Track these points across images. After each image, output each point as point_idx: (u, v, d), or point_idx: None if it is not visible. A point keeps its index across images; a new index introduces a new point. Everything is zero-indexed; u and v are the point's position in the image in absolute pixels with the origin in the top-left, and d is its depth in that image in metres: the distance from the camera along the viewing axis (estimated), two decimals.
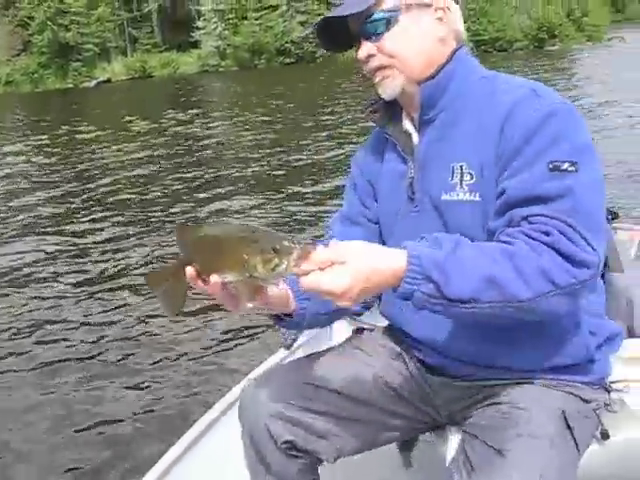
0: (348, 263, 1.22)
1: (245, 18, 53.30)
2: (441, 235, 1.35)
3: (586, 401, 1.50)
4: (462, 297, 1.27)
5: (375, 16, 1.52)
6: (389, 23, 1.52)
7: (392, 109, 1.64)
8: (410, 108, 1.60)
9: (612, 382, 1.60)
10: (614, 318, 1.71)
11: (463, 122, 1.51)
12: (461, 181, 1.47)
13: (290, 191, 9.22)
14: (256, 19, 52.84)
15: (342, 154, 11.42)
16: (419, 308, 1.32)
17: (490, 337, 1.48)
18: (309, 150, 12.45)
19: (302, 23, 52.78)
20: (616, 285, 1.81)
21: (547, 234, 1.29)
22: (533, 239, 1.30)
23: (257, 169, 11.08)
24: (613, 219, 2.05)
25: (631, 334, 1.82)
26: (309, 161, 11.49)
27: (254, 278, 1.25)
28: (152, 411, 3.70)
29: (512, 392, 1.48)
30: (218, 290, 1.31)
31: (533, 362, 1.50)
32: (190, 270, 1.33)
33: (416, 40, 1.54)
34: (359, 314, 1.88)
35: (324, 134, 14.21)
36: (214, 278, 1.29)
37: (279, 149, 12.75)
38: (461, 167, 1.47)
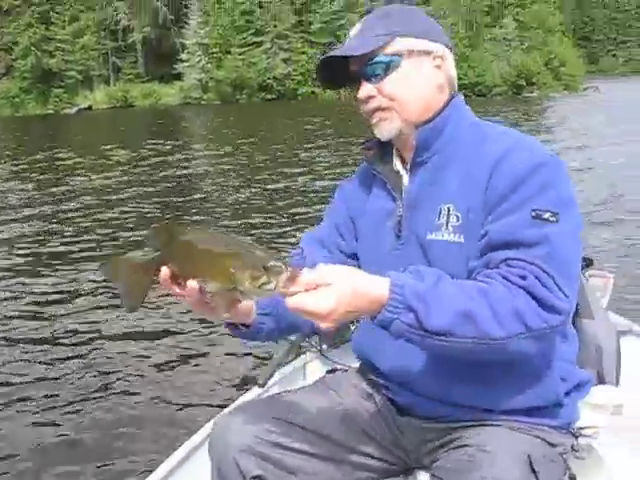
0: (333, 286, 1.26)
1: (229, 53, 53.92)
2: (423, 268, 1.40)
3: (553, 445, 1.50)
4: (439, 329, 1.31)
5: (378, 59, 1.56)
6: (391, 67, 1.56)
7: (384, 148, 1.68)
8: (403, 149, 1.65)
9: (580, 428, 1.61)
10: (584, 364, 1.74)
11: (453, 166, 1.56)
12: (447, 222, 1.51)
13: (266, 222, 9.24)
14: (240, 54, 53.48)
15: (318, 188, 11.57)
16: (396, 337, 1.35)
17: (460, 377, 1.50)
18: (286, 184, 12.55)
19: (285, 60, 53.52)
20: (586, 332, 1.84)
21: (523, 278, 1.34)
22: (509, 281, 1.35)
23: (234, 201, 11.13)
24: (587, 266, 2.07)
25: (600, 380, 1.83)
26: (286, 194, 11.55)
27: (236, 291, 1.24)
28: (121, 439, 3.63)
29: (479, 434, 1.47)
30: (194, 295, 1.31)
31: (501, 403, 1.51)
32: (166, 271, 1.32)
33: (416, 85, 1.58)
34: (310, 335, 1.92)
35: (302, 169, 14.30)
36: (192, 284, 1.29)
37: (257, 182, 12.83)
38: (448, 209, 1.52)
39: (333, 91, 1.76)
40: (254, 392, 2.31)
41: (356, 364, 1.84)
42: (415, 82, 1.57)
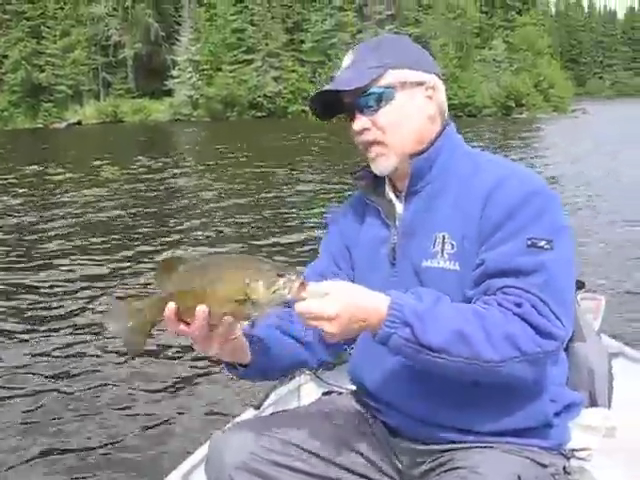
0: (337, 295, 1.36)
1: (220, 70, 54.05)
2: (423, 289, 1.46)
3: (544, 466, 1.51)
4: (434, 345, 1.37)
5: (371, 91, 1.58)
6: (384, 99, 1.59)
7: (376, 177, 1.69)
8: (397, 179, 1.67)
9: (572, 449, 1.63)
10: (576, 386, 1.76)
11: (447, 195, 1.59)
12: (442, 250, 1.54)
13: (256, 240, 9.26)
14: (230, 72, 53.62)
15: (308, 206, 11.78)
16: (395, 353, 1.42)
17: (449, 400, 1.53)
18: (275, 201, 12.58)
19: (275, 78, 53.71)
20: (578, 354, 1.86)
21: (519, 305, 1.39)
22: (505, 308, 1.39)
23: (224, 218, 11.07)
24: (579, 288, 2.07)
25: (593, 402, 1.84)
26: (275, 211, 11.57)
27: (250, 303, 1.29)
28: (123, 460, 3.63)
29: (471, 457, 1.48)
30: (200, 326, 1.33)
31: (491, 425, 1.53)
32: (171, 306, 1.33)
33: (409, 117, 1.61)
34: (323, 366, 1.96)
35: (291, 186, 14.33)
36: (201, 309, 1.32)
37: (246, 200, 12.79)
38: (443, 237, 1.55)
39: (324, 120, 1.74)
40: (249, 413, 2.35)
41: (351, 386, 1.86)
42: (408, 114, 1.60)
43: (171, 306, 1.34)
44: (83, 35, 54.60)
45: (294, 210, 11.64)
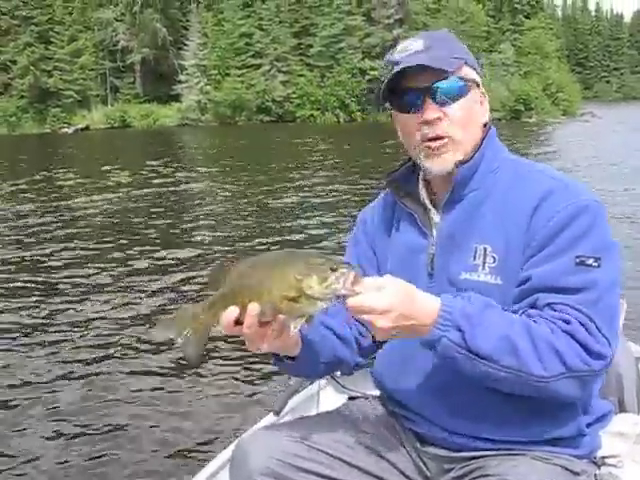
0: (392, 290, 1.33)
1: (228, 75, 53.94)
2: (474, 295, 1.42)
3: (575, 473, 1.49)
4: (483, 352, 1.35)
5: (453, 79, 1.50)
6: (462, 91, 1.51)
7: (409, 181, 1.64)
8: (438, 185, 1.60)
9: (603, 457, 1.60)
10: (605, 393, 1.74)
11: (489, 204, 1.53)
12: (484, 263, 1.50)
13: (272, 244, 9.25)
14: (238, 76, 53.48)
15: (319, 211, 11.89)
16: (442, 357, 1.38)
17: (483, 409, 1.50)
18: (284, 207, 12.49)
19: (284, 83, 53.58)
20: None
21: (567, 322, 1.36)
22: (554, 324, 1.37)
23: (236, 222, 11.04)
24: None
25: (622, 408, 1.83)
26: (284, 217, 11.51)
27: (304, 298, 1.27)
28: (145, 462, 3.70)
29: (501, 464, 1.46)
30: (255, 323, 1.31)
31: (522, 436, 1.50)
32: (233, 310, 1.31)
33: (474, 117, 1.55)
34: (350, 373, 1.90)
35: (302, 190, 14.32)
36: (253, 307, 1.30)
37: (260, 205, 12.72)
38: (484, 249, 1.50)
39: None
40: (270, 419, 2.35)
41: (370, 391, 1.85)
42: (474, 113, 1.55)
43: (230, 309, 1.32)
44: (91, 40, 54.49)
45: (306, 214, 11.64)
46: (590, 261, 1.41)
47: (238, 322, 1.34)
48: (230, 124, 51.00)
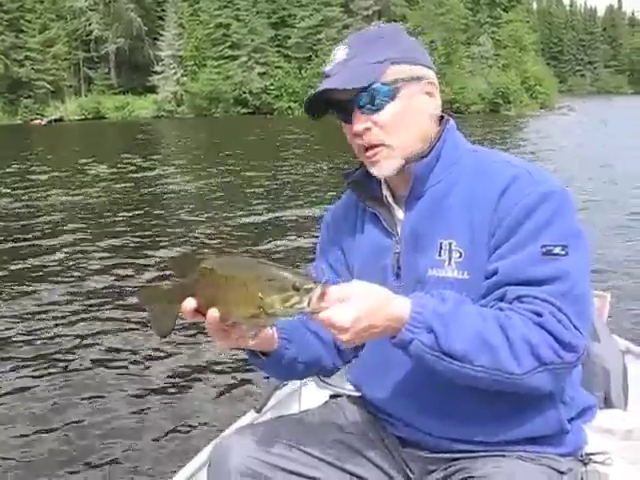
0: (356, 298, 1.26)
1: (204, 66, 53.38)
2: (447, 292, 1.38)
3: (561, 472, 1.45)
4: (456, 353, 1.30)
5: (373, 88, 1.46)
6: (387, 96, 1.47)
7: (370, 179, 1.59)
8: (397, 183, 1.56)
9: (589, 454, 1.55)
10: (590, 388, 1.69)
11: (452, 198, 1.49)
12: (450, 258, 1.46)
13: (249, 239, 9.17)
14: (215, 67, 52.97)
15: (297, 204, 11.73)
16: (414, 359, 1.35)
17: (459, 410, 1.47)
18: (263, 199, 12.40)
19: (261, 74, 53.11)
20: (592, 354, 1.78)
21: (538, 315, 1.33)
22: (524, 317, 1.33)
23: (214, 217, 10.81)
24: None
25: (608, 404, 1.79)
26: (260, 209, 11.40)
27: (265, 315, 1.22)
28: (123, 463, 3.60)
29: (485, 465, 1.42)
30: (216, 325, 1.29)
31: (504, 434, 1.47)
32: (191, 302, 1.31)
33: (413, 115, 1.50)
34: (328, 375, 1.85)
35: (280, 184, 14.17)
36: (214, 313, 1.28)
37: (233, 199, 12.49)
38: (450, 244, 1.46)
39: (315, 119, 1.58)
40: (250, 416, 2.33)
41: (353, 389, 1.79)
42: (411, 112, 1.50)
43: (190, 303, 1.31)
44: (64, 29, 53.53)
45: (286, 208, 11.50)
46: (557, 250, 1.37)
47: (198, 312, 1.32)
48: (206, 116, 50.55)
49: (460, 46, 54.43)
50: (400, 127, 1.49)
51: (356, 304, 1.25)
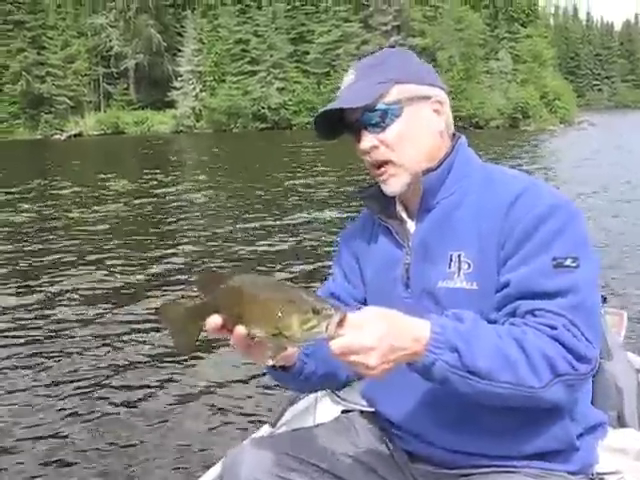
0: (373, 323, 1.26)
1: (223, 81, 53.58)
2: (461, 311, 1.38)
3: None
4: (481, 370, 1.31)
5: (378, 107, 1.52)
6: (392, 115, 1.53)
7: (384, 196, 1.63)
8: (408, 198, 1.61)
9: (600, 473, 1.54)
10: (604, 406, 1.69)
11: (461, 211, 1.53)
12: (459, 269, 1.49)
13: (268, 257, 9.08)
14: (234, 82, 53.14)
15: (316, 220, 11.78)
16: (438, 382, 1.33)
17: (471, 425, 1.48)
18: (284, 216, 12.27)
19: (280, 90, 53.22)
20: (605, 372, 1.78)
21: (552, 328, 1.34)
22: (539, 331, 1.34)
23: (235, 234, 10.74)
24: (602, 303, 1.95)
25: (621, 423, 1.76)
26: (284, 226, 11.30)
27: (283, 337, 1.23)
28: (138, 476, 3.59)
29: None
30: (241, 341, 1.31)
31: (514, 449, 1.48)
32: (216, 318, 1.32)
33: (418, 134, 1.55)
34: (340, 388, 1.90)
35: (299, 201, 14.11)
36: (240, 330, 1.29)
37: (256, 215, 12.42)
38: (459, 256, 1.49)
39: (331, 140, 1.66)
40: (265, 430, 2.34)
41: (367, 404, 1.79)
42: (417, 130, 1.55)
43: (212, 318, 1.32)
44: (84, 46, 54.04)
45: (303, 226, 11.42)
46: (568, 262, 1.39)
47: (223, 328, 1.33)
48: (225, 131, 50.67)
49: (479, 61, 54.23)
50: (406, 145, 1.54)
51: (376, 325, 1.25)
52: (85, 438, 3.97)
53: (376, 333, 1.24)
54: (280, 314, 1.22)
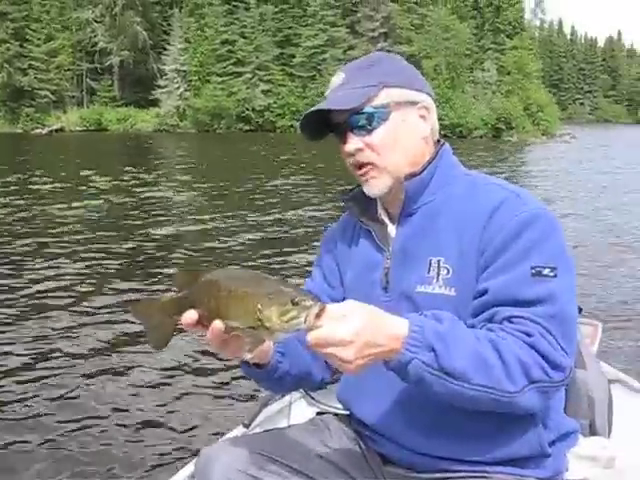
0: (353, 316, 1.25)
1: (208, 81, 53.35)
2: (440, 312, 1.39)
3: None
4: (455, 371, 1.31)
5: (365, 110, 1.53)
6: (379, 119, 1.53)
7: (367, 198, 1.64)
8: (390, 202, 1.62)
9: None
10: (576, 415, 1.71)
11: (443, 217, 1.54)
12: (438, 275, 1.49)
13: (249, 255, 9.08)
14: (219, 83, 52.95)
15: (297, 221, 11.81)
16: (413, 381, 1.33)
17: (442, 429, 1.49)
18: (267, 217, 12.25)
19: (265, 92, 53.10)
20: (578, 382, 1.79)
21: (529, 335, 1.35)
22: (515, 337, 1.35)
23: (215, 233, 10.66)
24: None
25: (592, 431, 1.79)
26: (266, 228, 11.27)
27: (263, 329, 1.22)
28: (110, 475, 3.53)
29: None
30: (217, 336, 1.29)
31: (485, 454, 1.49)
32: (192, 313, 1.31)
33: (404, 138, 1.56)
34: (316, 389, 1.89)
35: (282, 202, 14.08)
36: (217, 324, 1.27)
37: (239, 215, 12.35)
38: (439, 262, 1.50)
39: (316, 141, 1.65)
40: (239, 430, 2.34)
41: (341, 407, 1.80)
42: (403, 134, 1.56)
43: (188, 313, 1.32)
44: (68, 40, 53.46)
45: (285, 227, 11.44)
46: (546, 271, 1.40)
47: (199, 323, 1.32)
48: (208, 131, 50.42)
49: (464, 71, 54.59)
50: (391, 148, 1.54)
51: (355, 319, 1.24)
52: (52, 427, 3.96)
53: (354, 327, 1.24)
54: (260, 306, 1.21)
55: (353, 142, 1.55)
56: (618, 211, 13.88)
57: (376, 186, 1.57)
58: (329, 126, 1.61)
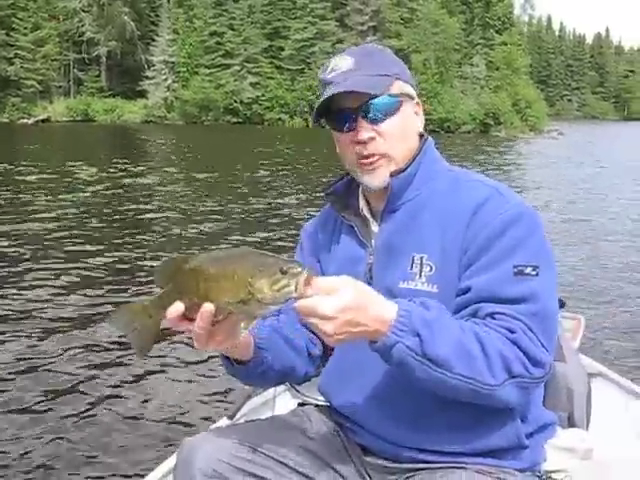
0: (345, 291, 1.26)
1: (196, 73, 53.07)
2: (428, 300, 1.41)
3: None
4: (439, 358, 1.32)
5: (382, 98, 1.51)
6: (394, 109, 1.53)
7: (349, 193, 1.66)
8: (374, 197, 1.61)
9: (549, 471, 1.59)
10: (555, 407, 1.73)
11: (426, 213, 1.54)
12: (420, 272, 1.51)
13: (226, 242, 9.12)
14: (207, 75, 52.69)
15: (281, 214, 11.87)
16: (396, 364, 1.34)
17: (424, 419, 1.51)
18: (247, 210, 12.29)
19: (253, 84, 52.88)
20: (558, 374, 1.81)
21: (511, 331, 1.38)
22: (498, 332, 1.38)
23: (203, 224, 10.72)
24: (560, 307, 1.92)
25: (571, 423, 1.81)
26: (251, 217, 11.42)
27: (254, 302, 1.23)
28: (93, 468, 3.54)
29: (443, 477, 1.47)
30: (206, 324, 1.27)
31: (463, 445, 1.50)
32: (178, 305, 1.29)
33: (408, 130, 1.57)
34: (299, 383, 1.90)
35: (267, 193, 14.18)
36: (209, 307, 1.26)
37: (217, 207, 12.40)
38: (421, 258, 1.51)
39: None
40: (223, 422, 2.35)
41: (323, 398, 1.82)
42: (408, 127, 1.57)
43: (176, 304, 1.29)
44: (55, 30, 52.92)
45: (270, 217, 11.56)
46: (528, 270, 1.42)
47: (184, 318, 1.30)
48: (196, 123, 50.20)
49: (453, 66, 54.61)
50: (399, 140, 1.55)
51: (343, 296, 1.25)
52: (36, 424, 3.95)
53: (339, 304, 1.25)
54: (250, 279, 1.22)
55: (366, 130, 1.52)
56: (600, 206, 14.03)
57: (382, 176, 1.55)
58: (328, 112, 1.57)
